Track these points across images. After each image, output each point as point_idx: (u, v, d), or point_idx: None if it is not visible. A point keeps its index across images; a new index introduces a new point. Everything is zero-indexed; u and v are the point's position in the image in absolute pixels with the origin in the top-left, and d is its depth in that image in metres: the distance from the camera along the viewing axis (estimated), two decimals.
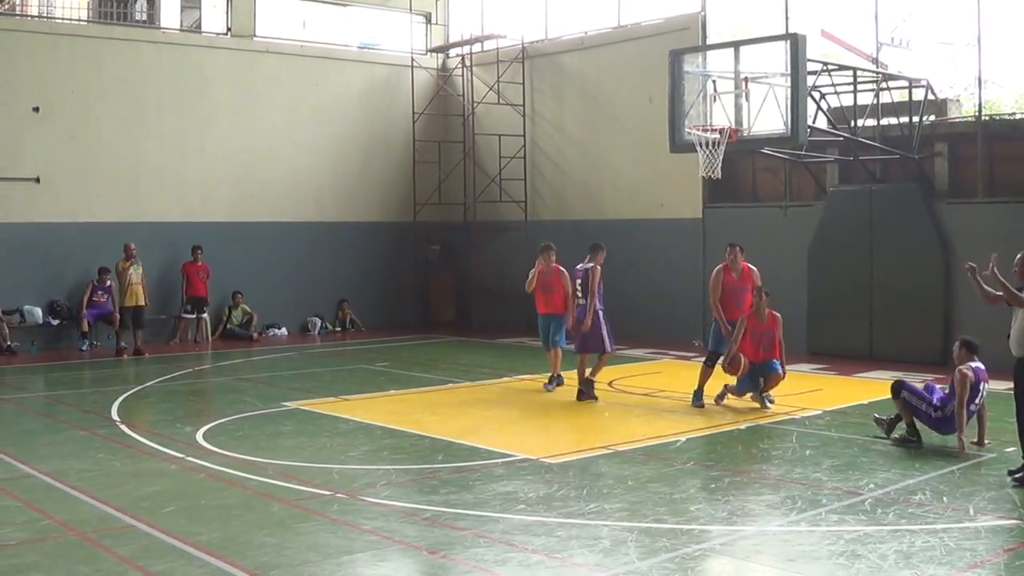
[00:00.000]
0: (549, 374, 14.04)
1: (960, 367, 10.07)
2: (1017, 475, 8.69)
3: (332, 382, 15.52)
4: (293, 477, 9.10)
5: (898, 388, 10.37)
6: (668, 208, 19.85)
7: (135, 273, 18.54)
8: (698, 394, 12.68)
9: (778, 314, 12.40)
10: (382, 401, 13.47)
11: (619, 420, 11.99)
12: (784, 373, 12.40)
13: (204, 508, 8.16)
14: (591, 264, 13.22)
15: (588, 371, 13.17)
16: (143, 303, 18.69)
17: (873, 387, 14.10)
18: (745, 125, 14.88)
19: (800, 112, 14.30)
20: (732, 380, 12.46)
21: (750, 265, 12.82)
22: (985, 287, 9.01)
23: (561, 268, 13.82)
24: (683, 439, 10.74)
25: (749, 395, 12.50)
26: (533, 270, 14.08)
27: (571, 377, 13.50)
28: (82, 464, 9.75)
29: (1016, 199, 15.76)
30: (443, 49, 24.22)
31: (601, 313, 13.14)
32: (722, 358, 12.38)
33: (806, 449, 10.16)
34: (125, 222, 19.82)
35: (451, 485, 8.88)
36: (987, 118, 16.51)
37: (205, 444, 10.54)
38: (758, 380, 12.31)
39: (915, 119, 16.26)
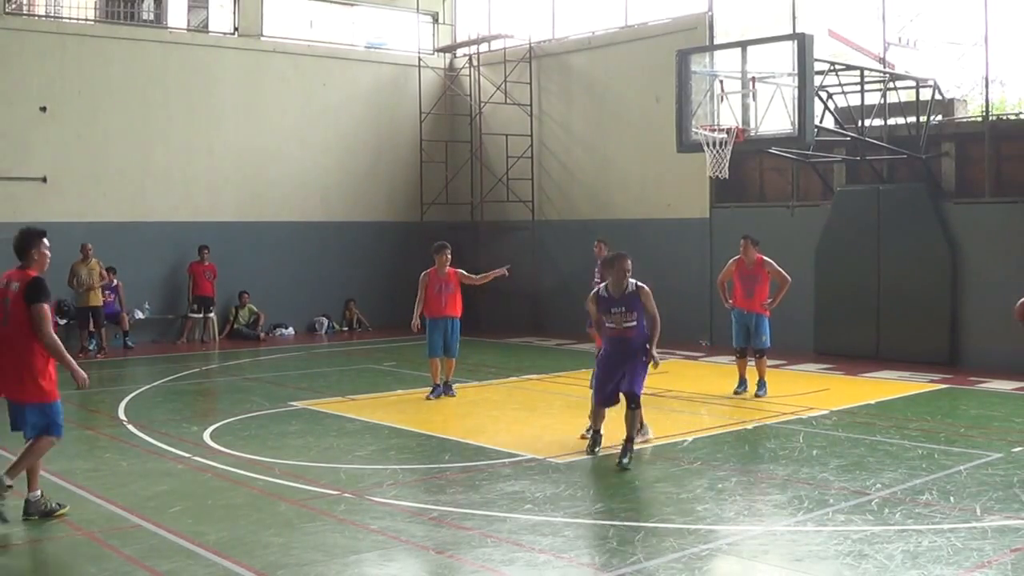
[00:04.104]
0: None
1: (771, 264, 10.86)
2: None
3: (339, 382, 15.54)
4: (300, 477, 9.10)
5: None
6: (675, 208, 19.83)
7: (86, 273, 18.35)
8: (742, 381, 13.26)
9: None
10: (389, 401, 13.48)
11: None
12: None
13: (211, 508, 8.17)
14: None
15: None
16: (99, 303, 18.62)
17: (880, 387, 14.11)
18: (752, 125, 14.86)
19: (807, 112, 14.28)
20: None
21: (764, 257, 12.98)
22: None
23: (457, 270, 13.35)
24: (690, 439, 10.73)
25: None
26: (424, 273, 13.23)
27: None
28: (89, 464, 9.78)
29: (1023, 199, 15.72)
30: (450, 49, 24.21)
31: None
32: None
33: (813, 449, 10.14)
34: (132, 222, 19.88)
35: (458, 485, 8.89)
36: (994, 118, 16.47)
37: (212, 444, 10.55)
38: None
39: (922, 119, 16.23)
